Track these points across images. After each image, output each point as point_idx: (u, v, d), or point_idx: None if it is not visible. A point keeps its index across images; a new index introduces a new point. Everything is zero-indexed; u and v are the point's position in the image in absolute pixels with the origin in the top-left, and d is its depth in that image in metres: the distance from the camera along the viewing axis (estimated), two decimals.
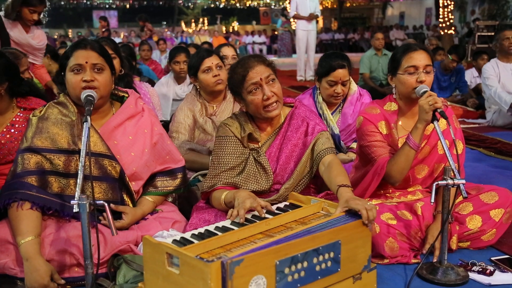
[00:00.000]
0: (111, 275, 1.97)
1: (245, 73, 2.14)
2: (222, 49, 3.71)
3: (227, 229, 1.74)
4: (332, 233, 1.63)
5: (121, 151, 2.16)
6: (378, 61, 7.00)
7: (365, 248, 1.75)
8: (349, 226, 1.69)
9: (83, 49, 2.08)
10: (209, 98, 3.07)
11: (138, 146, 2.20)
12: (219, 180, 2.19)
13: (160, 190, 2.29)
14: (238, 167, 2.22)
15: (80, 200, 1.65)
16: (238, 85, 2.18)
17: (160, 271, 1.53)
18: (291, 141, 2.25)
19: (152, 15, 33.12)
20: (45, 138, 2.08)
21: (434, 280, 2.00)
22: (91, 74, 2.05)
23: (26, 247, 1.86)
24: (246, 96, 2.17)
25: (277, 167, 2.25)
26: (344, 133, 3.22)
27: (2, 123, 2.54)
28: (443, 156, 2.35)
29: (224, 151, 2.23)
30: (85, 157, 1.73)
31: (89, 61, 2.06)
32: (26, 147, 2.08)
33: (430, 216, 2.26)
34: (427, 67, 2.29)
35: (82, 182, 1.69)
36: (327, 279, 1.63)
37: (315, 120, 2.28)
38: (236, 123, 2.28)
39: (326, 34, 23.29)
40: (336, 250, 1.64)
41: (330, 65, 3.06)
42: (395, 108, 2.41)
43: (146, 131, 2.23)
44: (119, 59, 3.38)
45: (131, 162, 2.17)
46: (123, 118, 2.20)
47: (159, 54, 9.98)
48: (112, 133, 2.17)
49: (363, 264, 1.75)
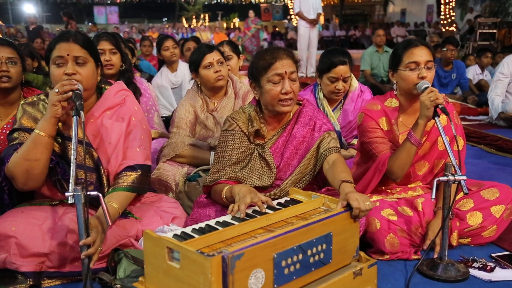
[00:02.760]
0: (112, 269, 1.98)
1: (272, 61, 2.11)
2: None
3: (227, 224, 1.73)
4: (324, 225, 1.65)
5: (100, 142, 2.11)
6: (379, 58, 6.99)
7: (354, 239, 1.79)
8: (339, 218, 1.71)
9: (65, 41, 2.03)
10: (210, 93, 3.06)
11: (115, 135, 2.13)
12: (223, 174, 2.18)
13: (120, 186, 2.09)
14: (243, 161, 2.22)
15: (75, 192, 1.65)
16: (261, 71, 2.15)
17: (160, 265, 1.53)
18: (297, 138, 2.25)
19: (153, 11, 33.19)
20: (31, 119, 2.07)
21: (435, 276, 2.01)
22: (72, 67, 2.00)
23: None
24: (264, 84, 2.14)
25: (280, 163, 2.25)
26: (345, 130, 3.21)
27: (9, 114, 2.62)
28: (444, 152, 2.35)
29: (230, 145, 2.23)
30: (76, 150, 1.74)
31: (71, 54, 2.01)
32: (15, 127, 2.07)
33: (430, 212, 2.27)
34: (428, 63, 2.28)
35: (74, 174, 1.69)
36: (319, 271, 1.65)
37: (323, 119, 2.28)
38: (244, 117, 2.27)
39: (327, 31, 23.24)
40: (328, 242, 1.66)
41: (331, 61, 3.06)
42: (396, 104, 2.41)
43: (122, 118, 2.16)
44: (120, 54, 3.37)
45: (109, 152, 2.11)
46: (101, 110, 2.14)
47: None
48: (91, 126, 2.11)
49: (351, 254, 1.78)
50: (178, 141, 2.86)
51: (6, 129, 2.61)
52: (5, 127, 2.62)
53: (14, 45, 2.67)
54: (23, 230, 1.92)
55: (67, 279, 2.00)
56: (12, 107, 2.67)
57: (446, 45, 6.07)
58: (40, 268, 1.94)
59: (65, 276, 1.98)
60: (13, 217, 1.98)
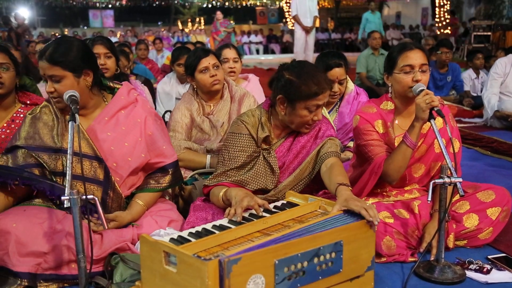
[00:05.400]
0: (108, 273, 1.97)
1: (319, 92, 2.10)
2: (224, 51, 3.68)
3: (224, 228, 1.73)
4: (334, 233, 1.62)
5: (115, 142, 2.18)
6: (375, 60, 7.01)
7: (369, 248, 1.74)
8: (352, 226, 1.68)
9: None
10: (206, 97, 3.06)
11: (132, 137, 2.20)
12: (227, 177, 2.19)
13: (151, 187, 2.27)
14: (248, 165, 2.22)
15: (71, 195, 1.66)
16: (301, 97, 2.11)
17: (157, 269, 1.53)
18: (301, 143, 2.27)
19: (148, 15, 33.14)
20: (34, 137, 2.13)
21: (431, 279, 2.00)
22: (50, 85, 2.09)
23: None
24: (300, 109, 2.13)
25: (282, 166, 2.26)
26: (341, 132, 3.22)
27: (4, 118, 2.65)
28: (440, 155, 2.35)
29: (236, 148, 2.23)
30: (72, 155, 1.75)
31: (47, 73, 2.09)
32: (16, 144, 2.15)
33: (427, 215, 2.27)
34: (423, 66, 2.29)
35: (70, 178, 1.71)
36: (328, 280, 1.62)
37: (327, 125, 2.31)
38: (254, 121, 2.26)
39: (323, 34, 23.31)
40: (337, 250, 1.63)
41: (327, 63, 3.07)
42: (392, 107, 2.42)
43: (139, 121, 2.23)
44: (114, 58, 3.38)
45: (125, 153, 2.18)
46: (115, 110, 2.21)
47: (156, 54, 9.97)
48: (106, 125, 2.18)
49: (366, 265, 1.74)
50: (174, 145, 2.85)
51: (1, 133, 2.61)
52: (1, 131, 2.62)
53: (7, 50, 2.66)
54: (23, 228, 1.93)
55: (63, 282, 1.99)
56: (6, 111, 2.67)
57: (440, 47, 6.10)
58: (36, 270, 1.93)
59: (61, 279, 1.97)
60: (15, 214, 1.99)
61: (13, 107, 2.68)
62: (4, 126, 2.63)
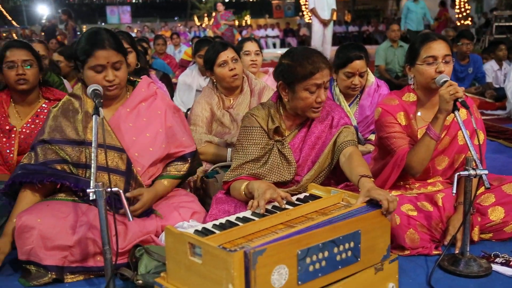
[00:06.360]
0: (133, 265, 1.99)
1: (314, 71, 2.08)
2: (245, 44, 3.70)
3: (248, 220, 1.74)
4: (352, 223, 1.63)
5: (137, 132, 2.22)
6: (394, 53, 6.93)
7: (384, 238, 1.74)
8: (369, 216, 1.68)
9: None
10: (225, 91, 3.06)
11: (153, 127, 2.25)
12: (243, 171, 2.19)
13: (172, 174, 2.31)
14: (262, 158, 2.22)
15: (96, 188, 1.68)
16: (298, 79, 2.11)
17: (182, 261, 1.54)
18: (315, 134, 2.24)
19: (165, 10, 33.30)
20: (58, 130, 2.18)
21: (456, 272, 1.98)
22: (112, 73, 2.14)
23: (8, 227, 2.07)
24: (300, 91, 2.12)
25: (299, 158, 2.24)
26: (362, 125, 3.19)
27: (28, 113, 2.71)
28: (464, 147, 2.32)
29: (249, 141, 2.23)
30: (97, 148, 1.78)
31: (110, 61, 2.12)
32: (41, 139, 2.19)
33: (451, 207, 2.24)
34: (446, 57, 2.26)
35: (95, 171, 1.74)
36: (347, 269, 1.63)
37: (341, 113, 2.27)
38: (263, 113, 2.26)
39: (340, 27, 23.10)
40: (356, 240, 1.63)
41: (348, 56, 3.04)
42: (414, 98, 2.39)
43: (159, 113, 2.28)
44: (135, 53, 3.40)
45: (147, 143, 2.22)
46: (136, 102, 2.26)
47: (173, 49, 10.02)
48: (128, 116, 2.23)
49: (382, 254, 1.74)
50: (195, 138, 2.87)
51: (26, 128, 2.66)
52: (25, 126, 2.67)
53: (29, 47, 2.71)
54: (48, 222, 1.97)
55: (89, 274, 2.02)
56: (31, 106, 2.72)
57: (461, 39, 6.00)
58: (63, 263, 1.97)
59: (87, 271, 2.01)
60: (39, 210, 2.03)
61: (37, 102, 2.73)
62: (28, 121, 2.68)
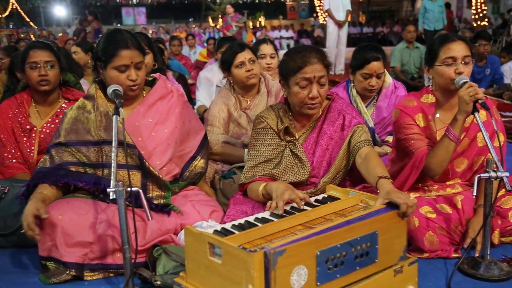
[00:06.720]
0: (151, 265, 2.01)
1: (302, 65, 2.10)
2: (261, 46, 3.70)
3: (266, 221, 1.74)
4: (369, 224, 1.63)
5: (156, 128, 2.28)
6: (410, 54, 6.87)
7: (401, 239, 1.74)
8: (385, 217, 1.68)
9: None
10: (243, 92, 3.07)
11: (170, 124, 2.32)
12: (258, 172, 2.19)
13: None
14: (275, 159, 2.22)
15: (117, 187, 1.70)
16: (290, 73, 2.14)
17: (202, 260, 1.54)
18: (327, 134, 2.23)
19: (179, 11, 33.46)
20: (73, 132, 2.20)
21: (477, 275, 1.96)
22: (135, 73, 2.19)
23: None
24: (292, 86, 2.14)
25: (313, 160, 2.24)
26: (379, 126, 3.17)
27: (48, 113, 2.76)
28: (483, 149, 2.30)
29: (261, 143, 2.24)
30: (116, 148, 1.81)
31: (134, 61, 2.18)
32: (57, 142, 2.21)
33: (470, 210, 2.22)
34: (466, 58, 2.24)
35: (115, 171, 1.76)
36: (364, 270, 1.63)
37: (352, 113, 2.25)
38: (273, 115, 2.28)
39: (354, 28, 22.99)
40: (373, 241, 1.63)
41: (365, 57, 3.02)
42: (433, 100, 2.37)
43: (176, 111, 2.36)
44: (152, 54, 3.43)
45: (165, 138, 2.28)
46: (156, 98, 2.33)
47: (188, 50, 10.05)
48: (147, 112, 2.29)
49: (398, 255, 1.74)
50: (212, 139, 2.88)
51: (46, 128, 2.71)
52: (45, 125, 2.71)
53: (51, 48, 2.75)
54: (69, 219, 2.00)
55: (108, 272, 2.04)
56: (51, 106, 2.77)
57: (478, 40, 5.93)
58: (83, 260, 2.00)
59: (106, 268, 2.03)
60: (59, 207, 2.06)
61: (57, 102, 2.78)
62: (48, 121, 2.73)
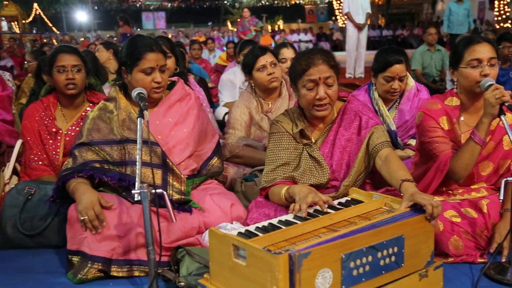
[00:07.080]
0: (174, 265, 2.03)
1: (306, 67, 2.12)
2: (282, 50, 3.72)
3: (290, 223, 1.74)
4: (395, 228, 1.61)
5: (175, 127, 2.35)
6: (431, 56, 6.79)
7: (428, 243, 1.72)
8: (412, 221, 1.66)
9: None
10: (264, 95, 3.09)
11: (189, 124, 2.39)
12: (278, 175, 2.19)
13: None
14: (293, 161, 2.22)
15: (141, 189, 1.73)
16: (297, 76, 2.17)
17: (226, 262, 1.55)
18: (344, 136, 2.23)
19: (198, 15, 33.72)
20: (95, 132, 2.26)
21: (504, 281, 1.93)
22: (160, 76, 2.27)
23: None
24: (300, 89, 2.17)
25: (332, 163, 2.23)
26: (401, 130, 3.15)
27: (74, 116, 2.81)
28: (509, 152, 2.27)
29: (279, 146, 2.24)
30: (141, 150, 1.85)
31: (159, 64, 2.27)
32: (80, 142, 2.27)
33: (496, 214, 2.18)
34: (492, 60, 2.21)
35: (140, 172, 1.78)
36: (390, 274, 1.61)
37: (368, 114, 2.24)
38: (287, 119, 2.29)
39: (374, 31, 22.84)
40: (399, 245, 1.61)
41: (387, 60, 3.00)
42: (457, 103, 2.34)
43: (194, 112, 2.44)
44: (174, 58, 3.46)
45: (184, 137, 2.35)
46: (175, 99, 2.41)
47: (208, 53, 10.11)
48: (167, 112, 2.36)
49: (426, 259, 1.72)
50: (234, 142, 2.90)
51: (71, 130, 2.76)
52: (71, 128, 2.76)
53: (78, 52, 2.81)
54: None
55: (132, 268, 2.07)
56: (76, 110, 2.82)
57: (502, 42, 5.82)
58: (111, 255, 2.04)
59: (132, 264, 2.07)
60: None
61: (82, 106, 2.83)
62: (73, 124, 2.78)
